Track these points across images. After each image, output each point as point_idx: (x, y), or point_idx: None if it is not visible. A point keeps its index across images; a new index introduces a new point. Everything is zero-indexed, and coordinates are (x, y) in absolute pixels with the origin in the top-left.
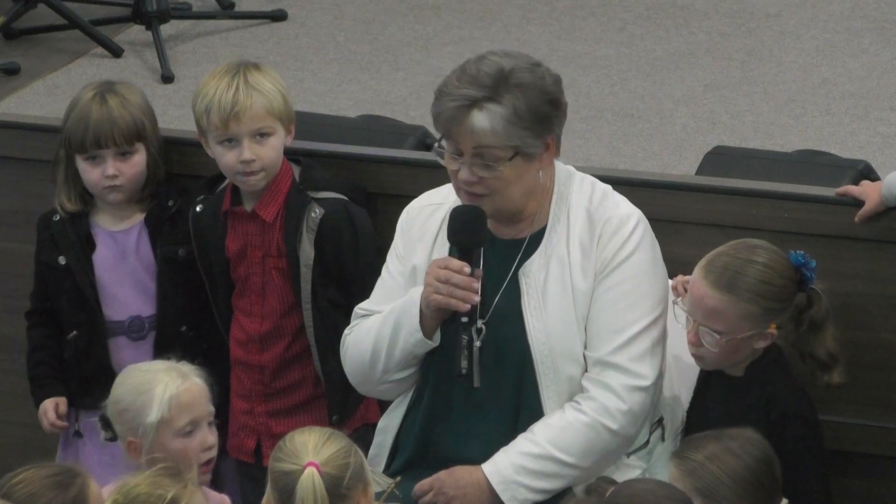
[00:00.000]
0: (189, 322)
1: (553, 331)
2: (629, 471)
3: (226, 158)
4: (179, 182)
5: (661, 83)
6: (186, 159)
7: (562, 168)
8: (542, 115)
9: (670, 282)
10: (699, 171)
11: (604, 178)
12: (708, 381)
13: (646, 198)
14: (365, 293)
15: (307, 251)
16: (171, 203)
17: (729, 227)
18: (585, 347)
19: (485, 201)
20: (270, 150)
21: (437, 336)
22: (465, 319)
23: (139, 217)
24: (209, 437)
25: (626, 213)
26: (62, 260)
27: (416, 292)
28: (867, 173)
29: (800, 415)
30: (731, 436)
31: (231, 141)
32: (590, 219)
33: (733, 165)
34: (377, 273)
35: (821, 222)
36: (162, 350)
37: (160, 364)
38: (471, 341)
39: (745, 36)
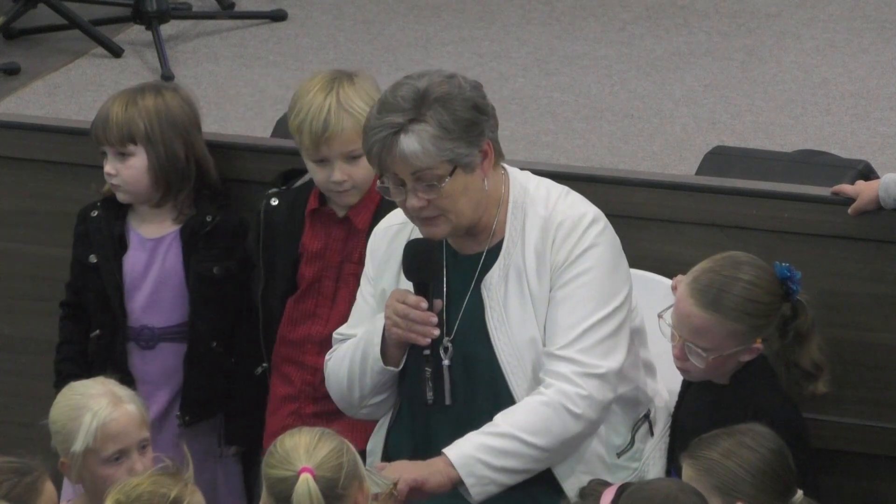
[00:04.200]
0: (220, 338)
1: (518, 341)
2: (620, 471)
3: (318, 176)
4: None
5: (661, 83)
6: None
7: (517, 176)
8: (468, 122)
9: (669, 282)
10: (699, 171)
11: (604, 178)
12: (692, 388)
13: (646, 198)
14: None
15: None
16: (209, 219)
17: (729, 227)
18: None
19: (439, 223)
20: (362, 170)
21: (402, 362)
22: (426, 352)
23: (173, 226)
24: (137, 464)
25: (579, 214)
26: (93, 258)
27: (380, 321)
28: (867, 173)
29: (787, 423)
30: (741, 431)
31: (323, 161)
32: (544, 225)
33: (733, 165)
34: None
35: (821, 222)
36: (192, 365)
37: (97, 387)
38: (434, 372)
39: (745, 36)
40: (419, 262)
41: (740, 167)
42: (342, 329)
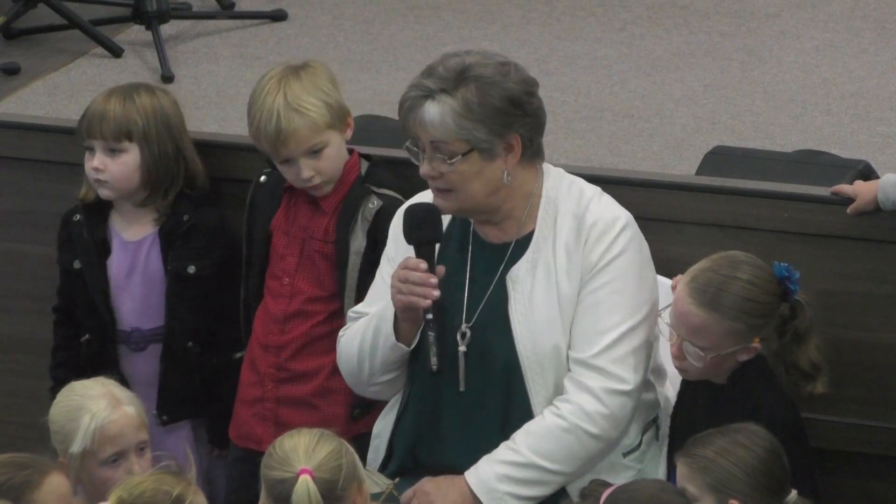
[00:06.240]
0: (195, 338)
1: (540, 336)
2: (624, 471)
3: (288, 175)
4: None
5: (661, 83)
6: None
7: (552, 172)
8: (496, 111)
9: (670, 281)
10: (699, 171)
11: (604, 178)
12: (690, 388)
13: (646, 198)
14: None
15: (359, 239)
16: (186, 217)
17: (729, 227)
18: (569, 349)
19: (448, 197)
20: (327, 161)
21: (415, 341)
22: (429, 316)
23: (153, 228)
24: (135, 466)
25: (613, 216)
26: (77, 264)
27: None
28: (867, 173)
29: (785, 423)
30: (736, 429)
31: (288, 160)
32: (577, 223)
33: (733, 165)
34: None
35: (821, 222)
36: (168, 364)
37: (96, 387)
38: (437, 338)
39: (745, 36)
40: (417, 223)
41: (740, 167)
42: (358, 307)
